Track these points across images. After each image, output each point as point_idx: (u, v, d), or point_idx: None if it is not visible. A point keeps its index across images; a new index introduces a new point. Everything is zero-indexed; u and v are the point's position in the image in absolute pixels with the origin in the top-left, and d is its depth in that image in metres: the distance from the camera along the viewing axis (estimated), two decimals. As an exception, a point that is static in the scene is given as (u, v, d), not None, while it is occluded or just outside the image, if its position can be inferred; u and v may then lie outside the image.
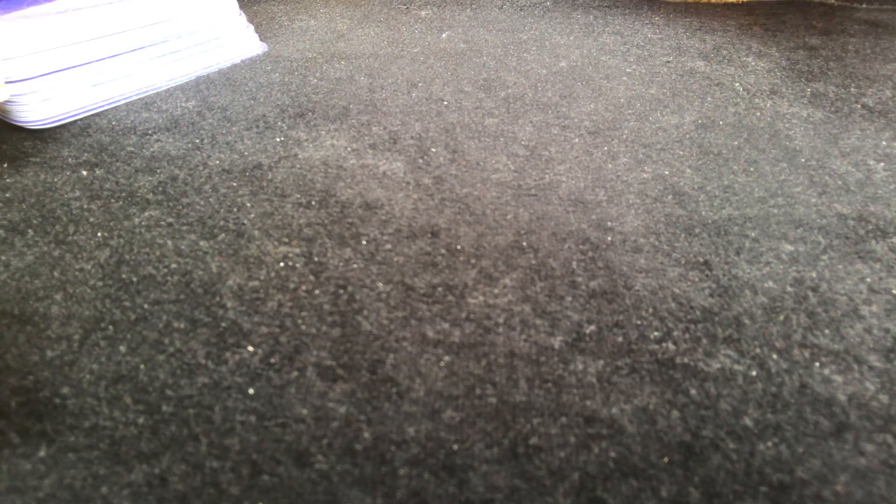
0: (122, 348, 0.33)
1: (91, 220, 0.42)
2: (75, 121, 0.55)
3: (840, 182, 0.45)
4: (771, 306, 0.34)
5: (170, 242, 0.40)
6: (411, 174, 0.47)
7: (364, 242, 0.40)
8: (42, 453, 0.27)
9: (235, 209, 0.43)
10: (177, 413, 0.29)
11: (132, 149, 0.51)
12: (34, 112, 0.53)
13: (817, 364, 0.31)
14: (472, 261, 0.38)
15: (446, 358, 0.32)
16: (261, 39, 0.72)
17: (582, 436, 0.28)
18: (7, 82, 0.51)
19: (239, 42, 0.67)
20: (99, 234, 0.41)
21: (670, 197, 0.44)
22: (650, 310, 0.34)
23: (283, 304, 0.35)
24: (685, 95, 0.58)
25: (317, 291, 0.36)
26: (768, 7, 0.82)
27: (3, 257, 0.39)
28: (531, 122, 0.54)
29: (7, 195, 0.45)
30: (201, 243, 0.40)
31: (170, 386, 0.30)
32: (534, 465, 0.27)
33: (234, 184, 0.46)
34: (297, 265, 0.38)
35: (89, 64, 0.56)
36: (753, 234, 0.40)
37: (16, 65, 0.52)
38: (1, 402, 0.30)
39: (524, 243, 0.39)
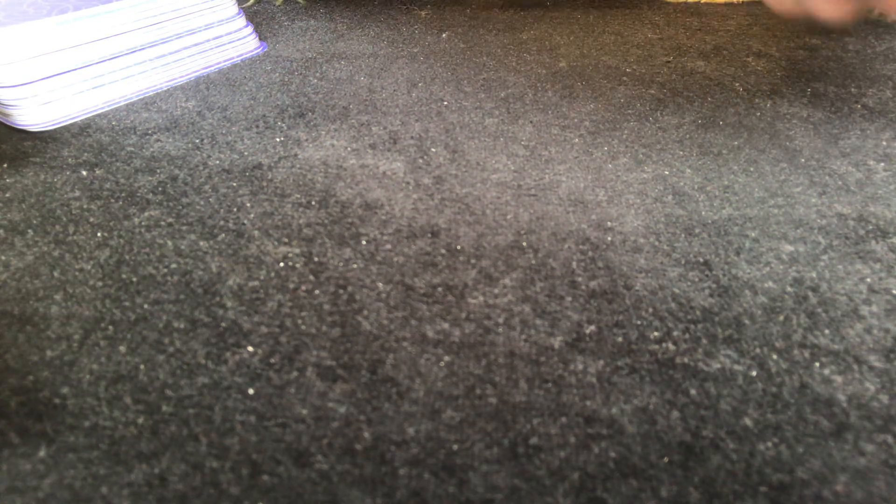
0: (122, 348, 0.33)
1: (91, 220, 0.42)
2: (75, 121, 0.55)
3: (840, 182, 0.45)
4: (771, 306, 0.34)
5: (170, 242, 0.40)
6: (411, 174, 0.47)
7: (364, 242, 0.40)
8: (42, 453, 0.27)
9: (235, 209, 0.43)
10: (177, 413, 0.29)
11: (132, 149, 0.51)
12: (35, 115, 0.53)
13: (817, 364, 0.31)
14: (472, 261, 0.38)
15: (446, 358, 0.32)
16: (261, 39, 0.72)
17: (582, 436, 0.28)
18: (7, 86, 0.51)
19: (239, 42, 0.67)
20: (99, 234, 0.41)
21: (670, 197, 0.44)
22: (650, 310, 0.34)
23: (283, 304, 0.35)
24: (685, 95, 0.58)
25: (317, 291, 0.36)
26: (768, 7, 0.82)
27: (3, 257, 0.39)
28: (531, 122, 0.54)
29: (7, 195, 0.45)
30: (201, 243, 0.40)
31: (170, 386, 0.30)
32: (534, 465, 0.27)
33: (234, 184, 0.46)
34: (297, 265, 0.38)
35: (89, 66, 0.56)
36: (753, 234, 0.40)
37: (16, 68, 0.52)
38: (1, 402, 0.30)
39: (524, 243, 0.39)
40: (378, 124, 0.54)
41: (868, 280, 0.36)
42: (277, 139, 0.52)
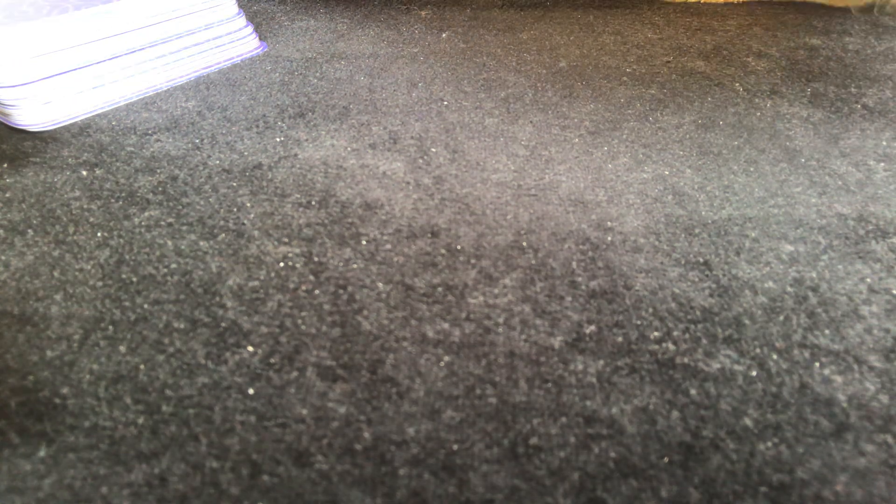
0: (122, 348, 0.33)
1: (91, 220, 0.42)
2: (75, 121, 0.55)
3: (840, 182, 0.45)
4: (771, 306, 0.34)
5: (170, 242, 0.40)
6: (411, 174, 0.47)
7: (364, 242, 0.40)
8: (42, 453, 0.27)
9: (235, 209, 0.43)
10: (177, 413, 0.29)
11: (132, 149, 0.51)
12: (35, 115, 0.53)
13: (817, 364, 0.31)
14: (472, 261, 0.38)
15: (446, 358, 0.32)
16: (261, 39, 0.72)
17: (582, 436, 0.28)
18: (7, 86, 0.51)
19: (239, 42, 0.67)
20: (99, 234, 0.41)
21: (670, 197, 0.44)
22: (650, 310, 0.34)
23: (283, 304, 0.35)
24: (685, 95, 0.58)
25: (317, 291, 0.36)
26: (768, 7, 0.82)
27: (3, 257, 0.39)
28: (531, 122, 0.54)
29: (7, 195, 0.45)
30: (201, 243, 0.40)
31: (170, 386, 0.30)
32: (534, 465, 0.27)
33: (234, 184, 0.46)
34: (297, 265, 0.38)
35: (90, 66, 0.56)
36: (753, 234, 0.40)
37: (16, 68, 0.52)
38: (1, 402, 0.30)
39: (524, 243, 0.39)
40: (378, 124, 0.54)
41: (868, 280, 0.36)
42: (277, 139, 0.52)
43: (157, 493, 0.26)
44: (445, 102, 0.57)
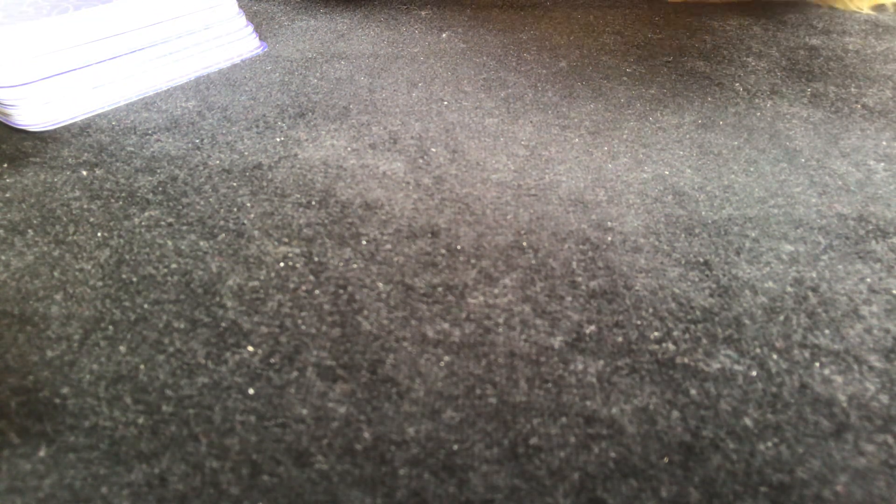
0: (122, 348, 0.33)
1: (91, 220, 0.42)
2: (75, 121, 0.55)
3: (840, 182, 0.45)
4: (771, 306, 0.34)
5: (170, 242, 0.40)
6: (411, 174, 0.47)
7: (364, 242, 0.40)
8: (42, 453, 0.27)
9: (235, 209, 0.43)
10: (177, 413, 0.29)
11: (132, 149, 0.51)
12: (35, 115, 0.53)
13: (817, 364, 0.31)
14: (472, 261, 0.38)
15: (446, 358, 0.32)
16: (261, 39, 0.72)
17: (582, 436, 0.28)
18: (7, 86, 0.51)
19: (239, 42, 0.67)
20: (99, 234, 0.41)
21: (670, 197, 0.44)
22: (650, 310, 0.34)
23: (283, 304, 0.35)
24: (685, 95, 0.58)
25: (317, 291, 0.36)
26: (768, 7, 0.82)
27: (3, 257, 0.39)
28: (531, 122, 0.54)
29: (7, 195, 0.45)
30: (201, 243, 0.40)
31: (170, 386, 0.30)
32: (534, 465, 0.27)
33: (234, 184, 0.46)
34: (297, 265, 0.38)
35: (90, 66, 0.56)
36: (753, 234, 0.40)
37: (16, 68, 0.52)
38: (1, 402, 0.30)
39: (524, 243, 0.39)
40: (378, 124, 0.54)
41: (868, 280, 0.36)
42: (277, 139, 0.52)
43: (157, 493, 0.26)
44: (445, 102, 0.57)
